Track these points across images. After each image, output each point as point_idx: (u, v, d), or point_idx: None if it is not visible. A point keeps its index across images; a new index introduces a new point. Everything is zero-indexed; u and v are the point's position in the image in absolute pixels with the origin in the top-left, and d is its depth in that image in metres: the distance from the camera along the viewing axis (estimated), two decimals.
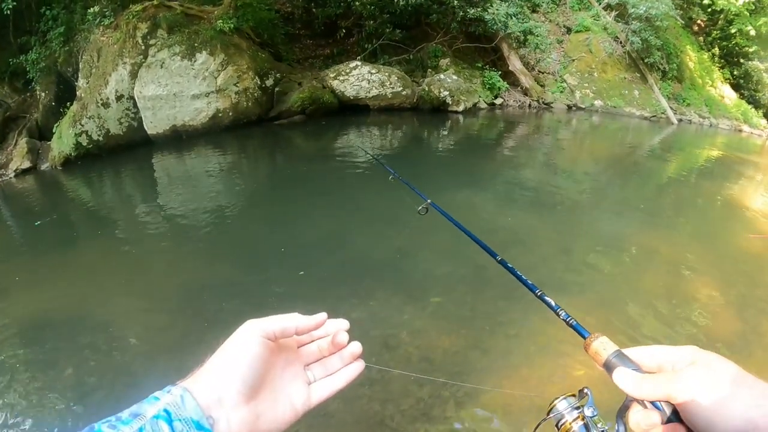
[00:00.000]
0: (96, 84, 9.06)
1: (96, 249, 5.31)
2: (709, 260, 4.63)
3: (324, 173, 7.02)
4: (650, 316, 3.65)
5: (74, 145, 8.83)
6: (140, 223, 6.13)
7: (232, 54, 9.05)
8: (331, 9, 10.32)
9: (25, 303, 4.27)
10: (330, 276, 4.21)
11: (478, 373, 3.06)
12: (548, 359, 3.14)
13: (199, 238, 5.36)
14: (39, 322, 3.94)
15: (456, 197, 5.87)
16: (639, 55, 11.90)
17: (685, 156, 9.47)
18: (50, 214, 7.35)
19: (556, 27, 12.43)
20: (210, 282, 4.35)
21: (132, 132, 9.10)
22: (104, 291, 4.37)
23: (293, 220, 5.47)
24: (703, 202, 6.61)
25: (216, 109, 9.11)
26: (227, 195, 6.82)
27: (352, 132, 9.30)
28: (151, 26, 8.98)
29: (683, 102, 12.32)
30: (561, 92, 11.46)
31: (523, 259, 4.38)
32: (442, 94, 9.93)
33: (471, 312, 3.65)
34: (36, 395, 3.15)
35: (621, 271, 4.32)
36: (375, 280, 4.05)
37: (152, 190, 7.60)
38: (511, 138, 9.44)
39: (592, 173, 7.61)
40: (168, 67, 8.80)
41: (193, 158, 8.72)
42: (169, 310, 3.97)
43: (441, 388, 2.90)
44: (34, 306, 4.20)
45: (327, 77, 9.74)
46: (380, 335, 3.36)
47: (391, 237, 4.80)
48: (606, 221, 5.38)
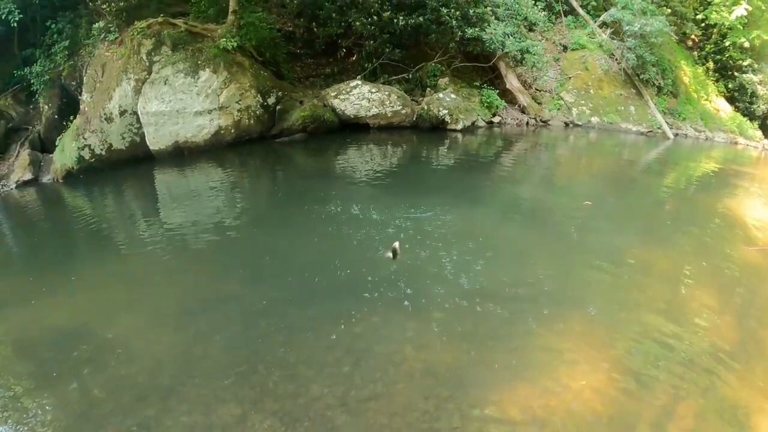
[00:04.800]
0: (100, 98, 9.18)
1: (97, 263, 5.38)
2: (707, 272, 4.72)
3: (324, 191, 7.13)
4: (650, 328, 3.73)
5: (77, 158, 8.93)
6: (141, 238, 6.20)
7: (234, 72, 9.19)
8: (331, 29, 10.51)
9: (24, 317, 4.31)
10: (327, 290, 4.30)
11: (481, 387, 3.14)
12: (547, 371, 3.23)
13: (199, 253, 5.45)
14: (40, 337, 3.99)
15: (455, 213, 5.98)
16: (634, 72, 12.10)
17: (682, 170, 9.62)
18: (50, 227, 7.41)
19: (553, 45, 12.65)
20: (211, 296, 4.43)
21: (134, 147, 9.21)
22: (105, 305, 4.44)
23: (293, 237, 5.55)
24: (701, 215, 6.68)
25: (218, 126, 9.23)
26: (228, 212, 6.92)
27: (352, 150, 9.43)
28: (155, 43, 9.13)
29: (679, 116, 12.50)
30: (558, 109, 11.65)
31: (523, 274, 4.48)
32: (441, 112, 10.09)
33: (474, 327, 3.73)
34: (40, 410, 3.19)
35: (620, 284, 4.41)
36: (370, 295, 4.12)
37: (153, 205, 7.68)
38: (510, 155, 9.59)
39: (589, 189, 7.72)
40: (171, 84, 8.93)
41: (194, 174, 8.82)
42: (172, 325, 4.04)
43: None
44: (33, 320, 4.25)
45: (328, 96, 9.90)
46: (384, 351, 3.46)
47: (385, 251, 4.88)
48: (604, 236, 5.47)
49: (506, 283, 4.33)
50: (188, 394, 3.19)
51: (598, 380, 3.14)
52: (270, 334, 3.76)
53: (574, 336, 3.65)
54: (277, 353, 3.52)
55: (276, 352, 3.54)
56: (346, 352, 3.47)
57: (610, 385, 3.11)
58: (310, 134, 9.75)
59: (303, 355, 3.49)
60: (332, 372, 3.29)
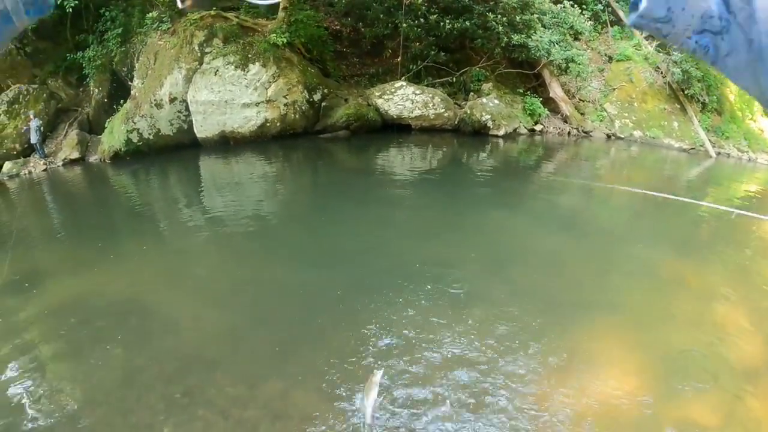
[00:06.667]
0: (151, 85, 9.42)
1: (140, 241, 5.54)
2: (740, 292, 4.64)
3: (364, 188, 7.19)
4: (680, 340, 3.74)
5: (125, 141, 9.18)
6: (184, 220, 6.35)
7: (283, 67, 9.33)
8: (378, 29, 10.58)
9: (76, 287, 4.46)
10: (369, 280, 4.38)
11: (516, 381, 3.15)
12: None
13: (240, 238, 5.56)
14: (84, 305, 4.12)
15: (493, 218, 6.00)
16: (679, 86, 11.85)
17: (723, 189, 9.38)
18: (98, 204, 7.63)
19: (598, 55, 12.47)
20: (249, 277, 4.54)
21: (182, 134, 9.42)
22: (151, 281, 4.57)
23: (330, 228, 5.64)
24: (738, 236, 6.52)
25: (264, 118, 9.37)
26: (270, 201, 7.03)
27: (393, 150, 9.48)
28: (207, 35, 9.33)
29: (722, 135, 12.18)
30: (601, 121, 11.47)
31: (558, 280, 4.50)
32: (484, 117, 10.05)
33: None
34: (88, 374, 3.30)
35: (653, 298, 4.40)
36: (411, 291, 4.17)
37: (197, 190, 7.85)
38: (550, 164, 9.50)
39: (627, 202, 7.62)
40: (222, 75, 9.11)
41: (238, 164, 8.98)
42: (214, 301, 4.15)
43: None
44: (84, 290, 4.39)
45: (372, 95, 9.97)
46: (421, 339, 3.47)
47: (425, 249, 4.97)
48: (640, 249, 5.41)
49: (542, 286, 4.36)
50: (232, 369, 3.26)
51: (628, 386, 3.17)
52: (306, 314, 3.84)
53: (607, 342, 3.68)
54: (314, 333, 3.61)
55: (313, 332, 3.62)
56: (380, 338, 3.52)
57: (639, 390, 3.14)
58: (353, 132, 9.83)
59: (341, 339, 3.56)
60: (368, 354, 3.35)
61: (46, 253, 5.52)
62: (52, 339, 3.78)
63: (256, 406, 2.94)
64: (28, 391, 3.08)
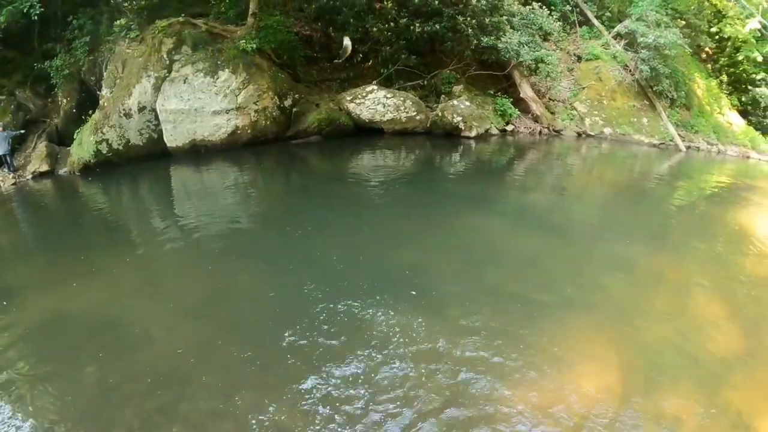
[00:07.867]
0: (119, 94, 9.31)
1: (113, 254, 5.46)
2: (716, 282, 4.76)
3: (337, 193, 7.20)
4: (658, 333, 3.80)
5: (94, 152, 9.06)
6: (156, 231, 6.29)
7: (253, 73, 9.30)
8: (349, 33, 10.61)
9: (45, 303, 4.39)
10: (345, 285, 4.38)
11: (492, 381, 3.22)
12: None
13: (212, 247, 5.52)
14: (60, 322, 4.07)
15: (468, 220, 6.04)
16: (648, 83, 12.11)
17: (693, 182, 9.60)
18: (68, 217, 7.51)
19: (567, 55, 12.70)
20: (223, 288, 4.53)
21: (152, 143, 9.33)
22: (123, 295, 4.52)
23: (305, 236, 5.62)
24: (712, 227, 6.71)
25: (235, 126, 9.34)
26: (242, 209, 6.99)
27: (366, 154, 9.51)
28: (176, 42, 9.26)
29: (691, 129, 12.47)
30: (571, 119, 11.68)
31: (534, 280, 4.55)
32: (455, 119, 10.16)
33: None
34: (60, 392, 3.25)
35: (630, 292, 4.47)
36: (389, 294, 4.20)
37: (168, 200, 7.78)
38: (522, 164, 9.63)
39: (601, 199, 7.75)
40: (191, 83, 9.05)
41: (210, 172, 8.92)
42: (188, 314, 4.12)
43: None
44: (50, 305, 4.32)
45: (344, 100, 10.01)
46: (402, 342, 3.48)
47: (401, 252, 5.00)
48: (615, 245, 5.51)
49: (518, 286, 4.41)
50: (207, 382, 3.26)
51: (607, 381, 3.23)
52: (283, 323, 3.84)
53: (584, 338, 3.73)
54: (289, 341, 3.60)
55: (289, 340, 3.61)
56: (359, 344, 3.54)
57: (618, 386, 3.20)
58: (325, 137, 9.85)
59: (320, 347, 3.57)
60: (349, 361, 3.38)
61: (17, 269, 5.43)
62: (25, 356, 3.72)
63: (232, 419, 2.95)
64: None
